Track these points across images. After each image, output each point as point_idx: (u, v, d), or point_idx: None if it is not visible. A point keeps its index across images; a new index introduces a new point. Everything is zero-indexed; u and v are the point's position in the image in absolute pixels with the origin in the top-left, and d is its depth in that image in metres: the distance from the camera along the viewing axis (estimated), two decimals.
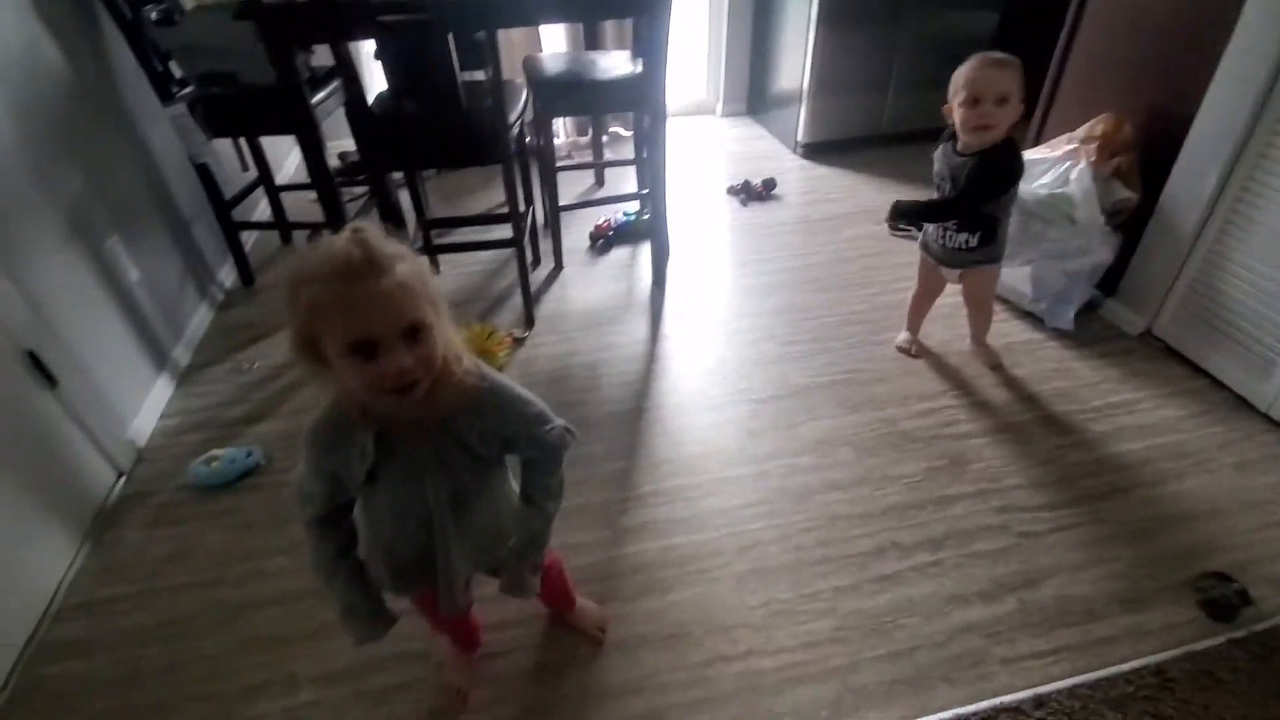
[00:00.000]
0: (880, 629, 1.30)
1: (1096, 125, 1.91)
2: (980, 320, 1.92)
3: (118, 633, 1.35)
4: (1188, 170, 1.79)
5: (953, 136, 1.63)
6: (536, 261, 2.54)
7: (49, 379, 1.49)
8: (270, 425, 1.85)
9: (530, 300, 2.20)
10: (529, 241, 2.50)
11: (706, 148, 3.56)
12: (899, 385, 1.89)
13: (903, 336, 2.02)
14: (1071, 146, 1.92)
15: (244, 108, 2.07)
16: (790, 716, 1.17)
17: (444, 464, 0.86)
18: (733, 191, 2.99)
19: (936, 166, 1.68)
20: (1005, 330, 2.06)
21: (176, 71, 2.09)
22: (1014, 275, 2.07)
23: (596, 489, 1.58)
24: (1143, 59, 1.90)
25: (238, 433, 1.83)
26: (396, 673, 1.26)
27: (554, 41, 3.24)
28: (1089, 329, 2.04)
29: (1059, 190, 1.88)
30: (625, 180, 3.07)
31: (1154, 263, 1.92)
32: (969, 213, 1.65)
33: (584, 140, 3.48)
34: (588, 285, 2.43)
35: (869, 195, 2.91)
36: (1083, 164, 1.86)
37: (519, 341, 2.12)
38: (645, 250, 2.56)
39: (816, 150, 3.32)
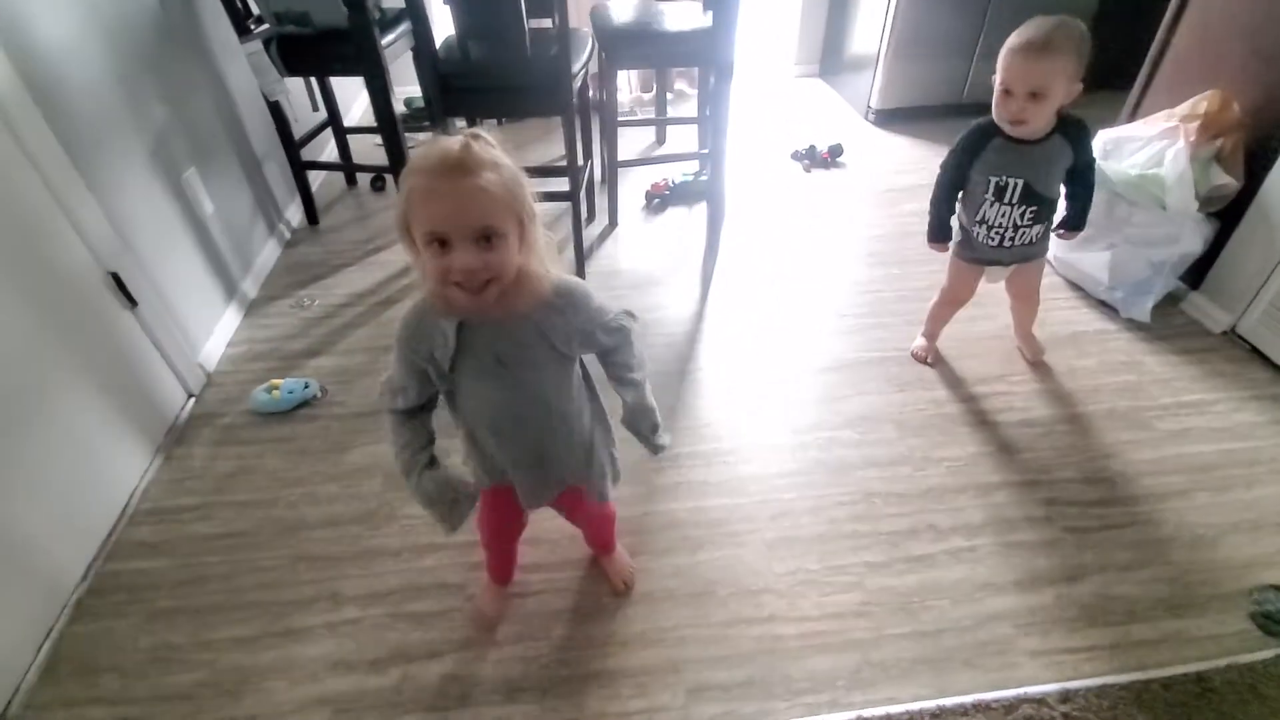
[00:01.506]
0: (907, 607, 1.29)
1: (1200, 103, 1.77)
2: (1030, 312, 1.78)
3: (184, 539, 1.45)
4: None
5: (994, 132, 1.42)
6: (591, 217, 2.53)
7: (130, 300, 1.58)
8: (327, 360, 1.93)
9: (582, 255, 2.20)
10: (585, 196, 2.50)
11: (774, 109, 3.45)
12: (952, 366, 1.83)
13: (919, 343, 1.86)
14: (1170, 124, 1.78)
15: (316, 47, 2.10)
16: (806, 682, 1.18)
17: (528, 359, 0.90)
18: (796, 156, 2.90)
19: (989, 165, 1.45)
20: (1073, 318, 1.97)
21: (254, 9, 2.15)
22: (1091, 260, 1.96)
23: (634, 446, 1.58)
24: (1260, 33, 1.73)
25: (297, 365, 1.91)
26: (434, 600, 1.32)
27: None
28: (1167, 322, 1.92)
29: (1150, 171, 1.76)
30: (687, 139, 3.02)
31: (1248, 257, 1.79)
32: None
33: (648, 97, 3.42)
34: (640, 244, 2.42)
35: None
36: (1180, 144, 1.73)
37: None
38: (701, 211, 2.52)
39: (890, 117, 3.18)
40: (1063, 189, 1.52)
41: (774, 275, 2.23)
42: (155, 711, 1.16)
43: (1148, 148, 1.78)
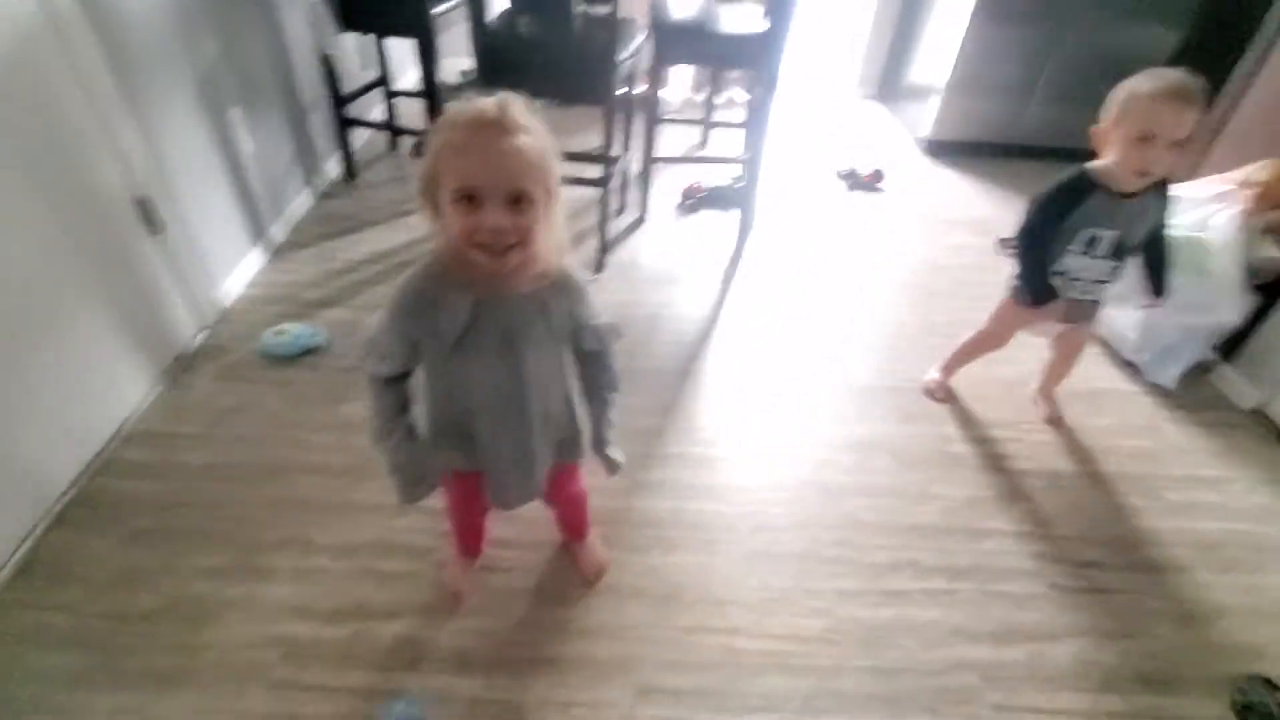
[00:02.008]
0: (874, 641, 1.25)
1: (1260, 170, 1.70)
2: (1066, 372, 1.72)
3: (173, 465, 1.48)
4: None
5: (1094, 184, 1.34)
6: (623, 209, 2.52)
7: (155, 226, 1.61)
8: (339, 312, 1.95)
9: (605, 245, 2.19)
10: (618, 188, 2.50)
11: (827, 126, 3.41)
12: (963, 407, 1.78)
13: (933, 377, 1.80)
14: (1225, 189, 1.72)
15: (373, 5, 2.12)
16: (758, 699, 1.15)
17: (531, 337, 0.89)
18: (841, 175, 2.86)
19: (1086, 217, 1.36)
20: (1096, 374, 1.90)
21: None
22: (1122, 319, 1.89)
23: (625, 439, 1.54)
24: None
25: (310, 313, 1.94)
26: (402, 561, 1.32)
27: None
28: (1193, 392, 1.85)
29: (1196, 234, 1.69)
30: (732, 143, 2.99)
31: None
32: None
33: (698, 98, 3.40)
34: (666, 242, 2.40)
35: (985, 207, 2.72)
36: (1234, 209, 1.66)
37: None
38: (732, 219, 2.50)
39: (942, 149, 3.12)
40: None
41: (794, 289, 2.19)
42: (114, 627, 1.18)
43: (1198, 210, 1.72)
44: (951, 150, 3.10)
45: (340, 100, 2.41)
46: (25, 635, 1.16)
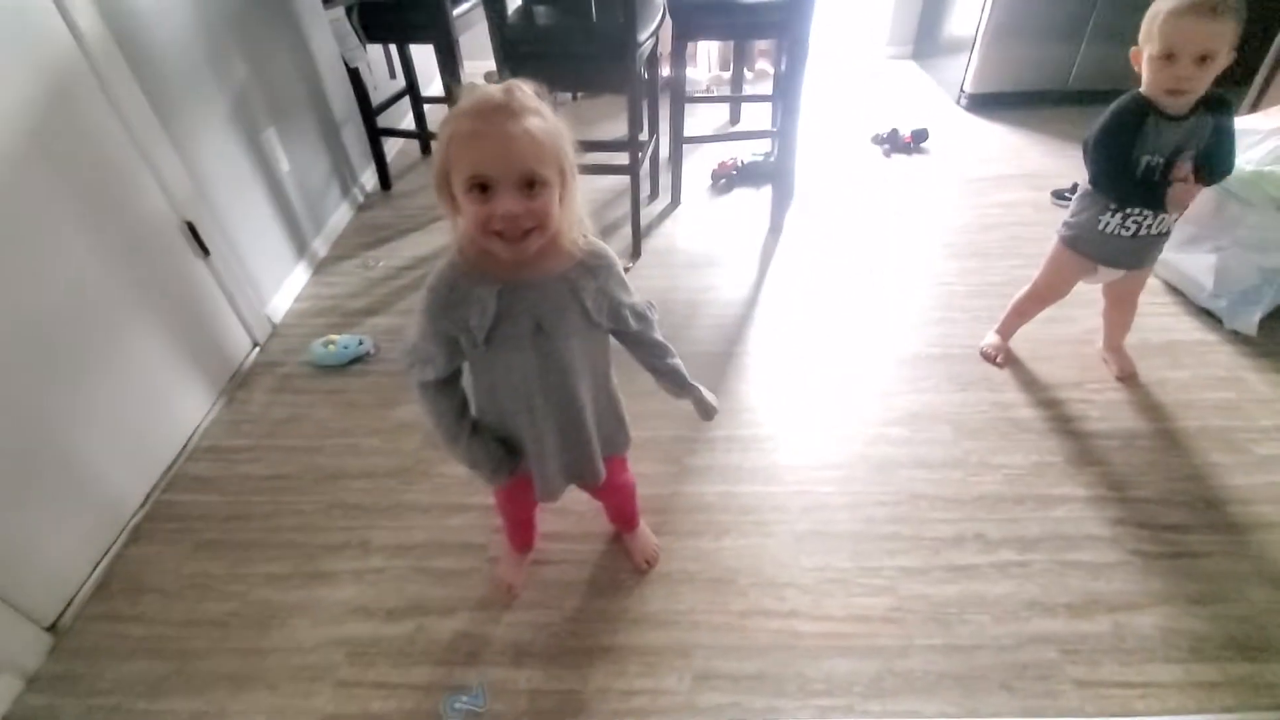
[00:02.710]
0: (942, 618, 1.20)
1: None
2: (1126, 321, 1.62)
3: (235, 477, 1.53)
4: None
5: (1147, 109, 1.27)
6: (655, 194, 2.49)
7: (204, 249, 1.67)
8: (384, 319, 1.98)
9: (639, 232, 2.17)
10: (649, 173, 2.47)
11: (861, 91, 3.29)
12: (1025, 369, 1.70)
13: (991, 340, 1.73)
14: None
15: (395, 15, 2.15)
16: (821, 683, 1.12)
17: (566, 326, 0.88)
18: (878, 140, 2.76)
19: (1143, 144, 1.28)
20: (1171, 325, 1.78)
21: None
22: (1194, 263, 1.77)
23: (669, 424, 1.56)
24: None
25: (356, 322, 1.98)
26: (456, 558, 1.34)
27: None
28: (1277, 338, 1.71)
29: (1268, 168, 1.56)
30: (762, 118, 2.92)
31: None
32: None
33: (726, 75, 3.33)
34: (702, 224, 2.36)
35: (1036, 159, 2.58)
36: None
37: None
38: (768, 193, 2.44)
39: (983, 103, 2.97)
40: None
41: (837, 263, 2.13)
42: (188, 634, 1.23)
43: (1266, 141, 1.58)
44: (995, 103, 2.96)
45: (371, 112, 2.45)
46: (104, 648, 1.22)
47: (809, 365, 1.75)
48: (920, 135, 2.69)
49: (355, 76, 2.34)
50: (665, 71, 2.33)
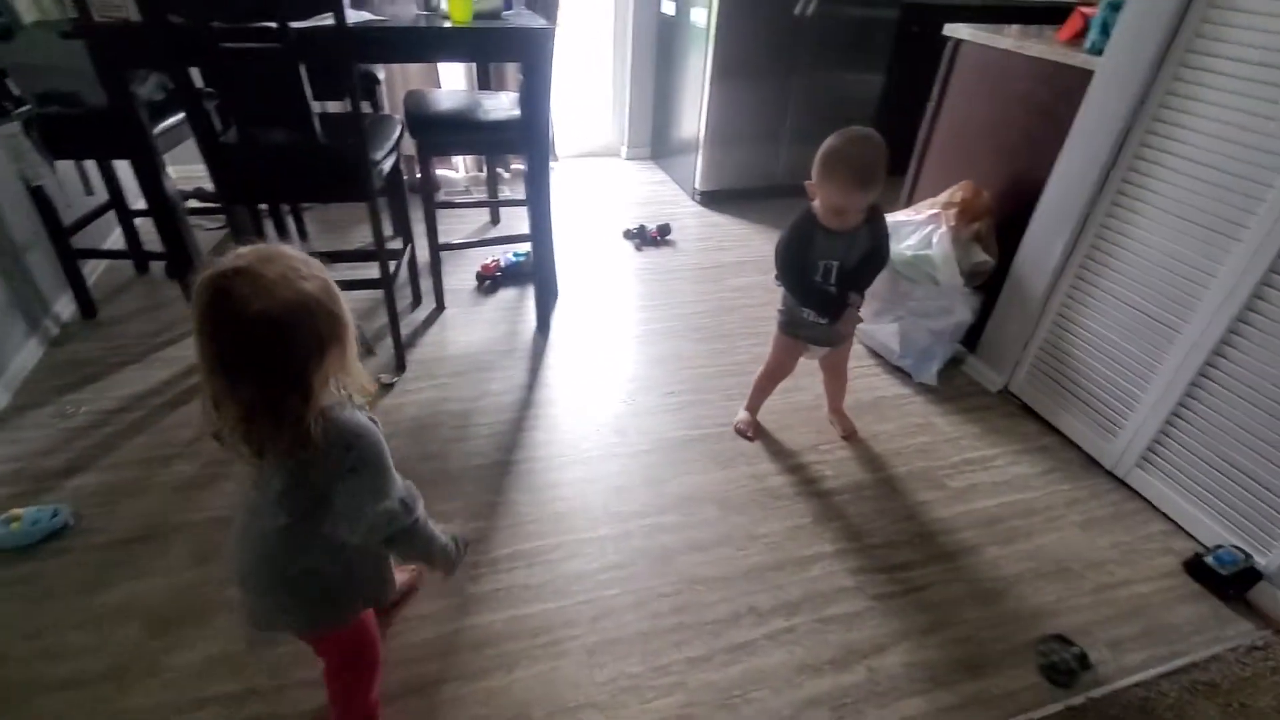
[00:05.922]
0: (729, 704, 1.25)
1: (957, 192, 2.01)
2: (840, 388, 1.90)
3: None
4: (1037, 237, 1.90)
5: (816, 223, 1.54)
6: (417, 301, 2.43)
7: None
8: (89, 478, 1.66)
9: (401, 343, 2.09)
10: (409, 280, 2.41)
11: (609, 190, 3.57)
12: (772, 439, 1.89)
13: (743, 417, 1.91)
14: (934, 211, 2.01)
15: (84, 129, 1.90)
16: None
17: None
18: (629, 235, 2.99)
19: (818, 251, 1.56)
20: (875, 384, 2.12)
21: (13, 89, 1.91)
22: (883, 331, 2.14)
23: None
24: (1000, 130, 2.02)
25: (51, 486, 1.63)
26: None
27: (453, 79, 3.19)
28: (953, 384, 2.12)
29: (922, 252, 1.96)
30: (522, 219, 3.02)
31: (1009, 324, 2.02)
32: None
33: (483, 175, 3.42)
34: (469, 328, 2.35)
35: (760, 245, 2.98)
36: (943, 228, 1.95)
37: (386, 387, 2.01)
38: (532, 294, 2.50)
39: (713, 198, 3.38)
40: None
41: (603, 357, 2.23)
42: None
43: (919, 231, 1.99)
44: (722, 198, 3.39)
45: (62, 233, 2.10)
46: None
47: (584, 463, 1.79)
48: (665, 229, 2.98)
49: (40, 195, 2.00)
50: (412, 178, 2.32)
